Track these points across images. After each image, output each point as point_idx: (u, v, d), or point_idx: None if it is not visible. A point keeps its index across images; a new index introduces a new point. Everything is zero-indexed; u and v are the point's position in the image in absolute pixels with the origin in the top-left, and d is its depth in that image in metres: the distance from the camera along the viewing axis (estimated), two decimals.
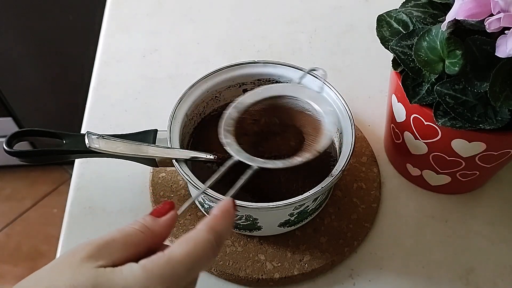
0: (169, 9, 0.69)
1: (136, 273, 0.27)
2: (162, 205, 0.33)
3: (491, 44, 0.36)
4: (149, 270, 0.28)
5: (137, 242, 0.30)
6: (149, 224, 0.31)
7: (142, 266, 0.28)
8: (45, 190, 1.43)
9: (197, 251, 0.29)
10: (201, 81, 0.47)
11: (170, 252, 0.29)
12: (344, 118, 0.45)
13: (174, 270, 0.28)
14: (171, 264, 0.28)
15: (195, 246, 0.29)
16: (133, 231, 0.30)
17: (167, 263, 0.28)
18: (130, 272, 0.27)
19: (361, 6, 0.69)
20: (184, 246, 0.29)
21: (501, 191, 0.51)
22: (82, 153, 0.45)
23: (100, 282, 0.27)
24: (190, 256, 0.29)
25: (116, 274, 0.27)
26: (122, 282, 0.27)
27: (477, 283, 0.45)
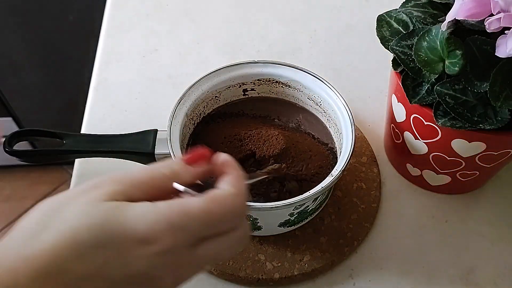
0: (169, 9, 0.69)
1: (148, 213, 0.27)
2: (196, 154, 0.30)
3: (491, 44, 0.36)
4: (161, 213, 0.27)
5: (161, 187, 0.29)
6: (179, 171, 0.29)
7: (155, 207, 0.27)
8: (45, 190, 1.43)
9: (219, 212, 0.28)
10: (201, 81, 0.47)
11: (188, 203, 0.27)
12: (344, 118, 0.45)
13: (185, 221, 0.27)
14: (185, 215, 0.27)
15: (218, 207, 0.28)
16: (161, 176, 0.29)
17: (181, 212, 0.27)
18: (141, 211, 0.27)
19: (361, 6, 0.69)
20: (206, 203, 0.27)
21: (501, 191, 0.51)
22: (82, 153, 0.45)
23: (109, 215, 0.27)
24: (208, 214, 0.27)
25: (129, 210, 0.27)
26: (131, 219, 0.27)
27: (477, 283, 0.45)
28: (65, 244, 0.26)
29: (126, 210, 0.27)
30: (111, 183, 0.28)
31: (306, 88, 0.49)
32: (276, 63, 0.49)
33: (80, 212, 0.27)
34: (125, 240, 0.26)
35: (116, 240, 0.26)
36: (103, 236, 0.26)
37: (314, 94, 0.48)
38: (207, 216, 0.27)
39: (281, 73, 0.49)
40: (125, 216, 0.27)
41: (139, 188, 0.28)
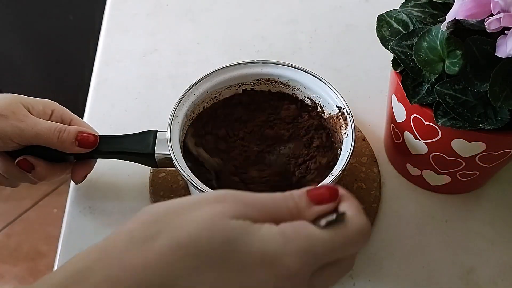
0: (169, 9, 0.69)
1: (275, 236, 0.26)
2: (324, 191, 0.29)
3: (491, 44, 0.36)
4: (288, 237, 0.26)
5: (281, 218, 0.27)
6: (304, 209, 0.28)
7: (282, 231, 0.26)
8: (45, 190, 1.43)
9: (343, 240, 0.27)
10: (201, 81, 0.47)
11: (314, 228, 0.27)
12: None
13: (312, 247, 0.26)
14: (312, 241, 0.26)
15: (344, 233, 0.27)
16: (285, 209, 0.28)
17: (308, 237, 0.26)
18: (268, 233, 0.26)
19: (361, 6, 0.69)
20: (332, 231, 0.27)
21: (501, 191, 0.51)
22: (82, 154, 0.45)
23: (235, 234, 0.25)
24: (334, 240, 0.26)
25: (254, 231, 0.26)
26: (258, 241, 0.26)
27: (477, 283, 0.45)
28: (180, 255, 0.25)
29: (252, 231, 0.26)
30: (235, 202, 0.27)
31: (306, 88, 0.49)
32: (275, 63, 0.49)
33: (203, 223, 0.26)
34: (250, 261, 0.25)
35: (241, 260, 0.25)
36: (225, 255, 0.25)
37: (314, 94, 0.48)
38: (334, 242, 0.26)
39: (281, 73, 0.49)
40: (252, 237, 0.26)
41: (261, 213, 0.27)
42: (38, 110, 0.44)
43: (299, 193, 0.29)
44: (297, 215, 0.28)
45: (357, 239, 0.27)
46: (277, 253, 0.25)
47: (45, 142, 0.42)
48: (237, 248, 0.25)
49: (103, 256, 0.25)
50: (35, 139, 0.42)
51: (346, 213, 0.27)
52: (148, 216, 0.27)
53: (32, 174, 0.44)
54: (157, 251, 0.25)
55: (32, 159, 0.44)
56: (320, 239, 0.26)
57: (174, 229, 0.26)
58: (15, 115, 0.41)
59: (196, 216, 0.26)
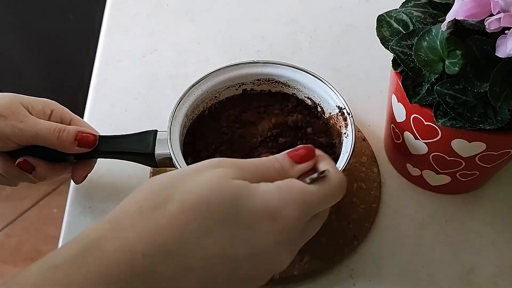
0: (169, 9, 0.69)
1: (273, 191, 0.28)
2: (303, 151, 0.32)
3: (491, 44, 0.36)
4: (284, 191, 0.28)
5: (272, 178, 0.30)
6: (287, 168, 0.31)
7: (278, 186, 0.29)
8: (45, 190, 1.43)
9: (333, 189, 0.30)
10: (201, 81, 0.47)
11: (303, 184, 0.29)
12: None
13: (305, 198, 0.29)
14: (304, 193, 0.29)
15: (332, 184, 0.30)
16: (272, 170, 0.31)
17: (300, 190, 0.29)
18: (267, 189, 0.28)
19: (361, 6, 0.69)
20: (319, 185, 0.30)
21: (501, 191, 0.51)
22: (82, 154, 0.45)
23: (240, 191, 0.27)
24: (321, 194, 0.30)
25: (255, 188, 0.28)
26: (260, 196, 0.28)
27: (477, 283, 0.45)
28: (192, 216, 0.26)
29: (253, 188, 0.28)
30: (232, 165, 0.29)
31: (306, 88, 0.49)
32: (275, 63, 0.49)
33: (209, 184, 0.27)
34: (255, 216, 0.27)
35: (247, 215, 0.27)
36: (234, 211, 0.27)
37: (314, 94, 0.48)
38: (321, 195, 0.30)
39: (281, 73, 0.49)
40: (254, 193, 0.28)
41: (254, 175, 0.30)
42: (37, 110, 0.44)
43: (281, 155, 0.32)
44: (284, 175, 0.31)
45: (338, 192, 0.31)
46: (277, 206, 0.28)
47: (44, 142, 0.42)
48: (243, 204, 0.27)
49: (115, 226, 0.26)
50: (35, 139, 0.42)
51: (327, 170, 0.31)
52: (154, 186, 0.28)
53: (33, 174, 0.44)
54: (169, 215, 0.26)
55: (32, 160, 0.44)
56: (310, 192, 0.29)
57: (182, 194, 0.27)
58: (14, 115, 0.41)
59: (201, 180, 0.28)
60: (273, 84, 0.50)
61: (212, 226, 0.26)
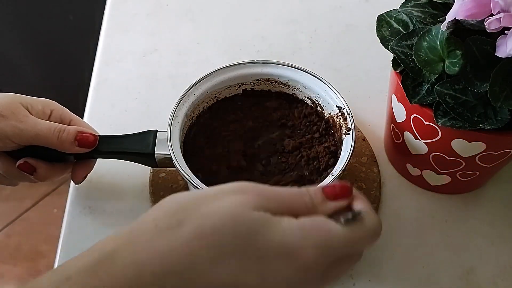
0: (169, 9, 0.69)
1: (294, 229, 0.27)
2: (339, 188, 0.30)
3: (491, 44, 0.36)
4: (307, 230, 0.27)
5: (298, 212, 0.28)
6: (319, 205, 0.29)
7: (302, 224, 0.27)
8: (45, 190, 1.43)
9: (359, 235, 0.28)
10: (201, 81, 0.47)
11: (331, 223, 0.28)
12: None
13: (330, 242, 0.27)
14: (330, 236, 0.27)
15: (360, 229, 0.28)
16: (302, 203, 0.29)
17: (326, 232, 0.27)
18: (288, 226, 0.27)
19: (361, 6, 0.69)
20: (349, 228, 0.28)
21: (501, 191, 0.51)
22: (82, 154, 0.45)
23: (257, 226, 0.26)
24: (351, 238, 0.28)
25: (275, 223, 0.27)
26: (279, 233, 0.26)
27: (477, 283, 0.45)
28: (204, 243, 0.26)
29: (273, 223, 0.27)
30: (256, 194, 0.28)
31: (306, 88, 0.49)
32: (275, 63, 0.49)
33: (227, 213, 0.26)
34: (269, 252, 0.26)
35: (261, 251, 0.26)
36: (247, 245, 0.26)
37: (314, 94, 0.48)
38: (350, 238, 0.27)
39: (281, 73, 0.49)
40: (273, 228, 0.26)
41: (280, 206, 0.28)
42: (37, 110, 0.44)
43: (315, 189, 0.30)
44: (313, 210, 0.29)
45: (371, 236, 0.28)
46: (295, 246, 0.26)
47: (44, 142, 0.42)
48: (258, 239, 0.26)
49: (131, 242, 0.26)
50: (35, 139, 0.42)
51: (362, 212, 0.28)
52: (172, 204, 0.28)
53: (34, 176, 0.44)
54: (182, 239, 0.26)
55: (33, 161, 0.44)
56: (338, 235, 0.27)
57: (198, 218, 0.26)
58: (14, 115, 0.41)
59: (220, 206, 0.27)
60: (273, 84, 0.50)
61: (223, 256, 0.25)
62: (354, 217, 0.28)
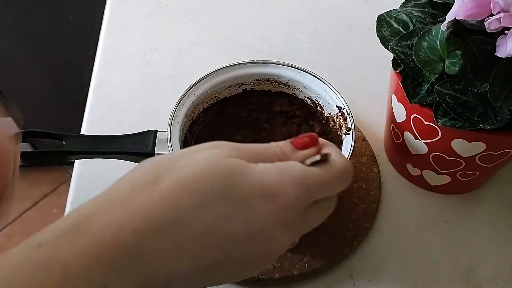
0: (169, 9, 0.69)
1: (271, 171, 0.27)
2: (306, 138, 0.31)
3: (491, 44, 0.36)
4: (283, 171, 0.27)
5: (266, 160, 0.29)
6: (287, 154, 0.30)
7: (277, 166, 0.28)
8: (45, 190, 1.43)
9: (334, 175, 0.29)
10: (201, 81, 0.47)
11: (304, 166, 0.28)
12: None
13: (305, 178, 0.28)
14: (305, 174, 0.28)
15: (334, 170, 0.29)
16: (273, 154, 0.30)
17: (301, 171, 0.28)
18: (266, 169, 0.27)
19: (361, 6, 0.69)
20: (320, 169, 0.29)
21: (501, 191, 0.51)
22: (82, 154, 0.45)
23: (236, 169, 0.27)
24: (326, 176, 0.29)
25: (251, 166, 0.27)
26: (258, 174, 0.27)
27: (477, 283, 0.45)
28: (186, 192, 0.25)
29: (250, 167, 0.27)
30: (230, 147, 0.28)
31: (306, 88, 0.49)
32: (276, 63, 0.49)
33: (205, 161, 0.26)
34: (252, 194, 0.26)
35: (243, 193, 0.26)
36: (229, 188, 0.26)
37: (314, 94, 0.48)
38: (322, 177, 0.28)
39: (281, 73, 0.49)
40: (251, 171, 0.27)
41: (253, 158, 0.28)
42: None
43: (284, 142, 0.31)
44: (284, 159, 0.29)
45: (342, 176, 0.30)
46: (276, 185, 0.27)
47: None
48: (239, 181, 0.26)
49: (106, 204, 0.25)
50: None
51: (329, 154, 0.30)
52: (148, 164, 0.27)
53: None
54: (162, 192, 0.25)
55: None
56: (311, 173, 0.28)
57: (177, 170, 0.26)
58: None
59: (197, 158, 0.27)
60: (273, 84, 0.50)
61: (206, 203, 0.25)
62: (322, 158, 0.29)
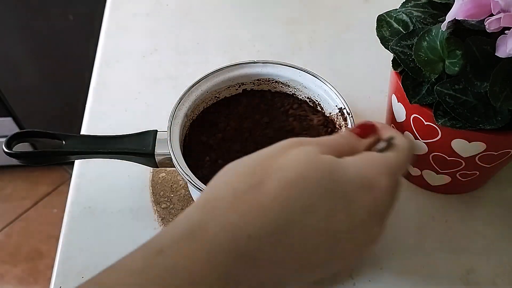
0: (169, 9, 0.69)
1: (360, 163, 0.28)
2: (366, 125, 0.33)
3: (491, 44, 0.36)
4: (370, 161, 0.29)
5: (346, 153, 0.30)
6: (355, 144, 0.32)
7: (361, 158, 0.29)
8: (45, 190, 1.43)
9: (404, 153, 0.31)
10: (201, 81, 0.47)
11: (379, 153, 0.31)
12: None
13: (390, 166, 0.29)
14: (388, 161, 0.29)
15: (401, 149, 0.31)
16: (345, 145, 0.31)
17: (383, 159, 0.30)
18: (354, 162, 0.28)
19: (361, 6, 0.69)
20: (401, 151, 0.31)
21: (501, 191, 0.51)
22: (82, 154, 0.45)
23: (333, 165, 0.27)
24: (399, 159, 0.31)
25: (343, 161, 0.28)
26: (351, 168, 0.28)
27: (477, 283, 0.45)
28: (294, 192, 0.25)
29: (343, 162, 0.28)
30: (313, 143, 0.29)
31: (306, 88, 0.49)
32: (276, 63, 0.49)
33: (302, 160, 0.27)
34: (351, 187, 0.27)
35: (344, 188, 0.27)
36: (332, 184, 0.26)
37: (314, 94, 0.48)
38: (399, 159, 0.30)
39: (281, 73, 0.49)
40: (346, 166, 0.27)
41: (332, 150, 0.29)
42: None
43: (345, 133, 0.32)
44: (355, 149, 0.31)
45: (410, 154, 0.32)
46: (369, 176, 0.28)
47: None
48: (339, 177, 0.27)
49: (214, 209, 0.25)
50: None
51: (392, 137, 0.32)
52: (240, 167, 0.27)
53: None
54: (270, 194, 0.25)
55: None
56: (390, 159, 0.30)
57: (277, 172, 0.26)
58: None
59: (291, 158, 0.27)
60: (273, 84, 0.50)
61: (315, 202, 0.25)
62: (389, 144, 0.31)
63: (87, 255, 0.46)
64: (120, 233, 0.47)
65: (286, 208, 0.25)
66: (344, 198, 0.26)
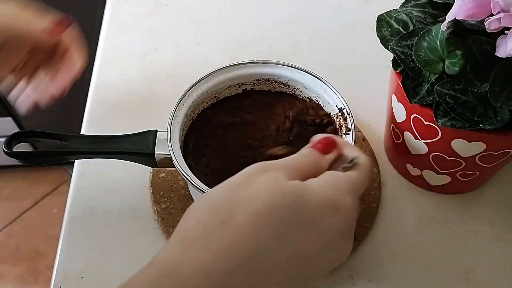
0: (169, 9, 0.69)
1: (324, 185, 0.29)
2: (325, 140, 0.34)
3: (491, 44, 0.36)
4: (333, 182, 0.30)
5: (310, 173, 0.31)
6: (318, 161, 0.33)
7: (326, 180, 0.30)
8: (45, 190, 1.43)
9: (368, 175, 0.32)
10: (201, 81, 0.47)
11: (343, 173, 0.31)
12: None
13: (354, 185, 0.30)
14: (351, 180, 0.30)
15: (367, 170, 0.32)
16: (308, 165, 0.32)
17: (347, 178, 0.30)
18: (319, 184, 0.29)
19: (361, 6, 0.69)
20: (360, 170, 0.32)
21: (501, 191, 0.51)
22: (82, 154, 0.45)
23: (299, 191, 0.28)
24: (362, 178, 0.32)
25: (308, 185, 0.29)
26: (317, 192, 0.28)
27: (477, 283, 0.45)
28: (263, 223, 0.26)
29: (308, 186, 0.29)
30: (278, 167, 0.30)
31: (306, 88, 0.49)
32: (276, 63, 0.49)
33: (268, 190, 0.27)
34: (319, 211, 0.27)
35: (311, 213, 0.27)
36: (299, 212, 0.27)
37: (314, 94, 0.48)
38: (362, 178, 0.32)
39: (281, 73, 0.49)
40: (311, 190, 0.28)
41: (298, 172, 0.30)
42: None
43: (307, 150, 0.33)
44: (318, 167, 0.32)
45: (370, 172, 0.33)
46: (335, 197, 0.29)
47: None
48: (306, 203, 0.27)
49: (187, 249, 0.26)
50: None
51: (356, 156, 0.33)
52: (211, 202, 0.28)
53: None
54: (239, 228, 0.26)
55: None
56: (353, 178, 0.31)
57: (246, 204, 0.27)
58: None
59: (258, 188, 0.28)
60: (273, 84, 0.50)
61: (283, 231, 0.26)
62: (353, 163, 0.32)
63: (87, 255, 0.46)
64: (120, 233, 0.47)
65: (256, 239, 0.26)
66: (312, 222, 0.27)
